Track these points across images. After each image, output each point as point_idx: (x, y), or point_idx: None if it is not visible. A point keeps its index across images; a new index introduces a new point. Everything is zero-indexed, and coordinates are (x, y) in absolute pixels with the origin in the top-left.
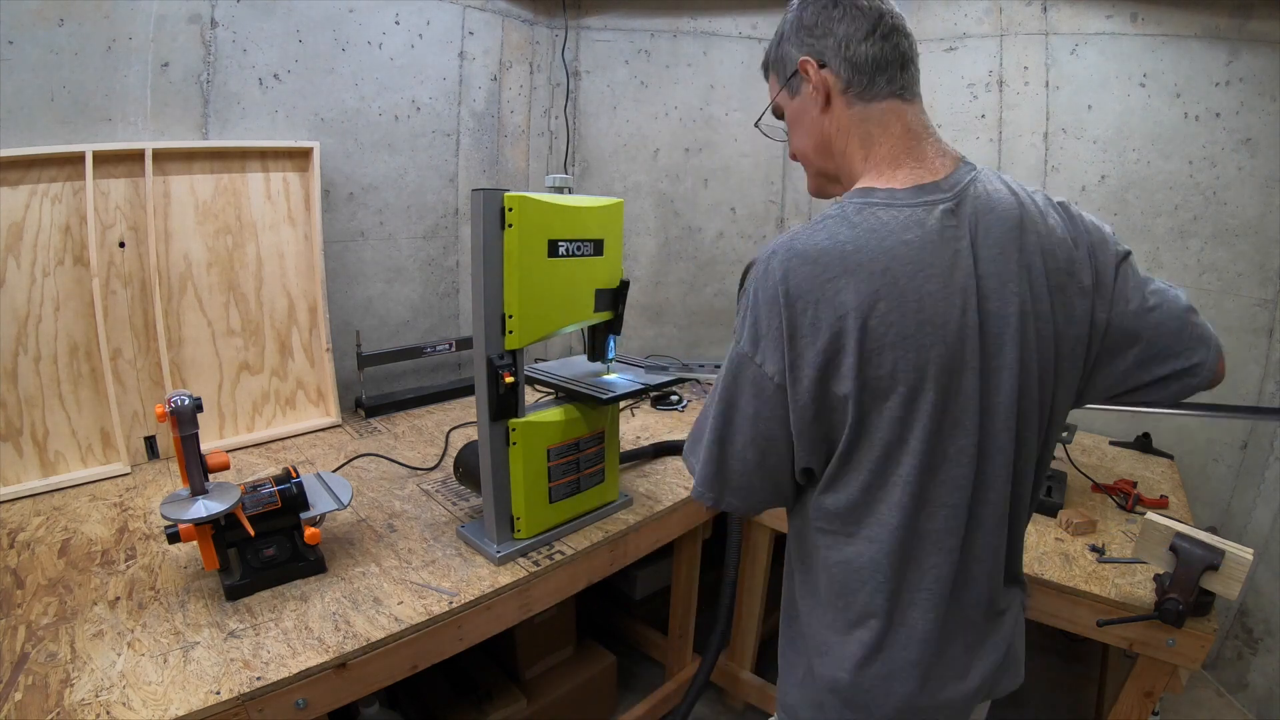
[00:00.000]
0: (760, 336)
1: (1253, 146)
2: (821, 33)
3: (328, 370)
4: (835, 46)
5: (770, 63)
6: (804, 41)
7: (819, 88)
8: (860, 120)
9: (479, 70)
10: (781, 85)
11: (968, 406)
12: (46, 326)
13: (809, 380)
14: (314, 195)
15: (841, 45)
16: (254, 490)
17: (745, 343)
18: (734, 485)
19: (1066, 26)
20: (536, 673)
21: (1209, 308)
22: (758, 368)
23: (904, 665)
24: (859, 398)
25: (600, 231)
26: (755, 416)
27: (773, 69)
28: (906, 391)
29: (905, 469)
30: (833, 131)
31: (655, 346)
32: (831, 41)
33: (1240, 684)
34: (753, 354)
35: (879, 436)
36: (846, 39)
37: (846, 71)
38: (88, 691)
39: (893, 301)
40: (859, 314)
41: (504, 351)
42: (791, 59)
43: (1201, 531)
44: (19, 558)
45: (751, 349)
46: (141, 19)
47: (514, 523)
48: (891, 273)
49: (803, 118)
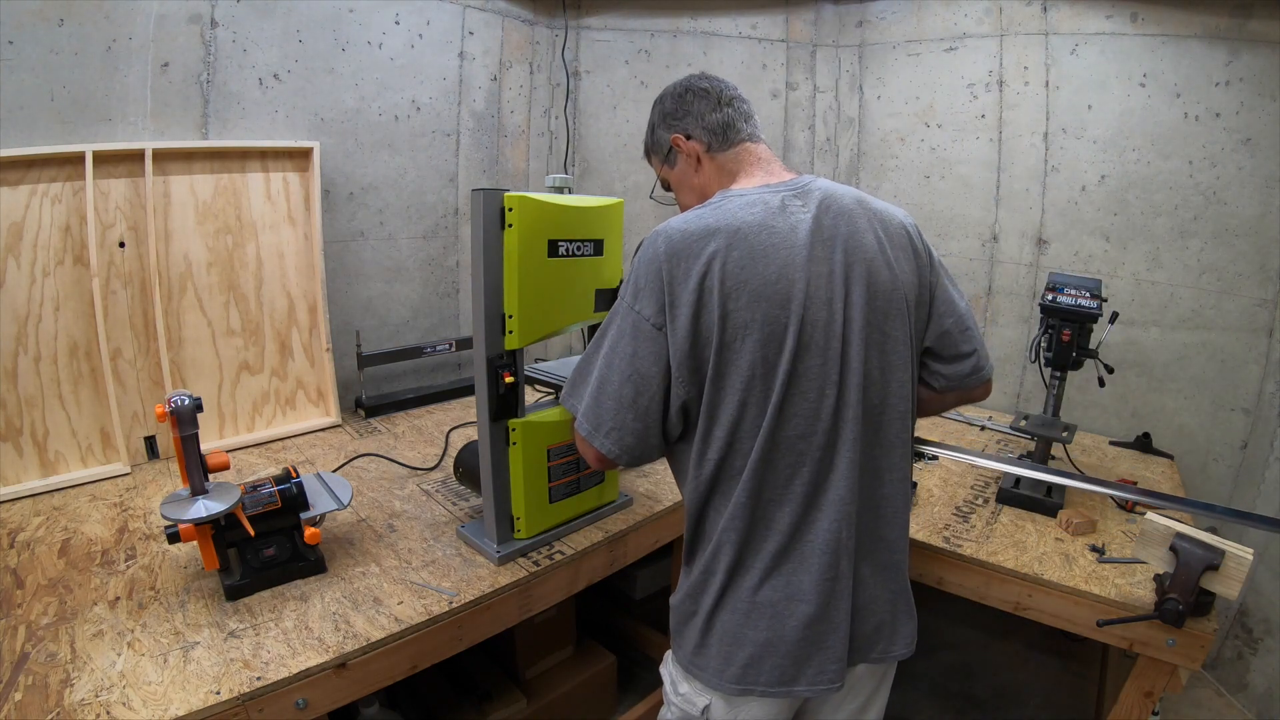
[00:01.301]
0: (639, 290)
1: (1253, 146)
2: (681, 114)
3: (328, 370)
4: (695, 121)
5: (649, 150)
6: (671, 125)
7: (690, 154)
8: (723, 165)
9: (479, 70)
10: (662, 162)
11: (815, 334)
12: (46, 326)
13: (685, 317)
14: (314, 195)
15: (699, 119)
16: (254, 490)
17: (628, 297)
18: (609, 424)
19: (1066, 26)
20: (536, 673)
21: (1209, 308)
22: (637, 314)
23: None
24: (722, 326)
25: (600, 231)
26: (633, 356)
27: (653, 153)
28: (762, 321)
29: (768, 386)
30: (707, 181)
31: None
32: (691, 119)
33: (1240, 684)
34: (634, 304)
35: (744, 359)
36: (700, 113)
37: (706, 136)
38: (88, 691)
39: (744, 250)
40: (720, 259)
41: (504, 351)
42: (665, 140)
43: (1201, 531)
44: (19, 558)
45: (633, 300)
46: (141, 19)
47: (514, 523)
48: (741, 232)
49: (685, 180)
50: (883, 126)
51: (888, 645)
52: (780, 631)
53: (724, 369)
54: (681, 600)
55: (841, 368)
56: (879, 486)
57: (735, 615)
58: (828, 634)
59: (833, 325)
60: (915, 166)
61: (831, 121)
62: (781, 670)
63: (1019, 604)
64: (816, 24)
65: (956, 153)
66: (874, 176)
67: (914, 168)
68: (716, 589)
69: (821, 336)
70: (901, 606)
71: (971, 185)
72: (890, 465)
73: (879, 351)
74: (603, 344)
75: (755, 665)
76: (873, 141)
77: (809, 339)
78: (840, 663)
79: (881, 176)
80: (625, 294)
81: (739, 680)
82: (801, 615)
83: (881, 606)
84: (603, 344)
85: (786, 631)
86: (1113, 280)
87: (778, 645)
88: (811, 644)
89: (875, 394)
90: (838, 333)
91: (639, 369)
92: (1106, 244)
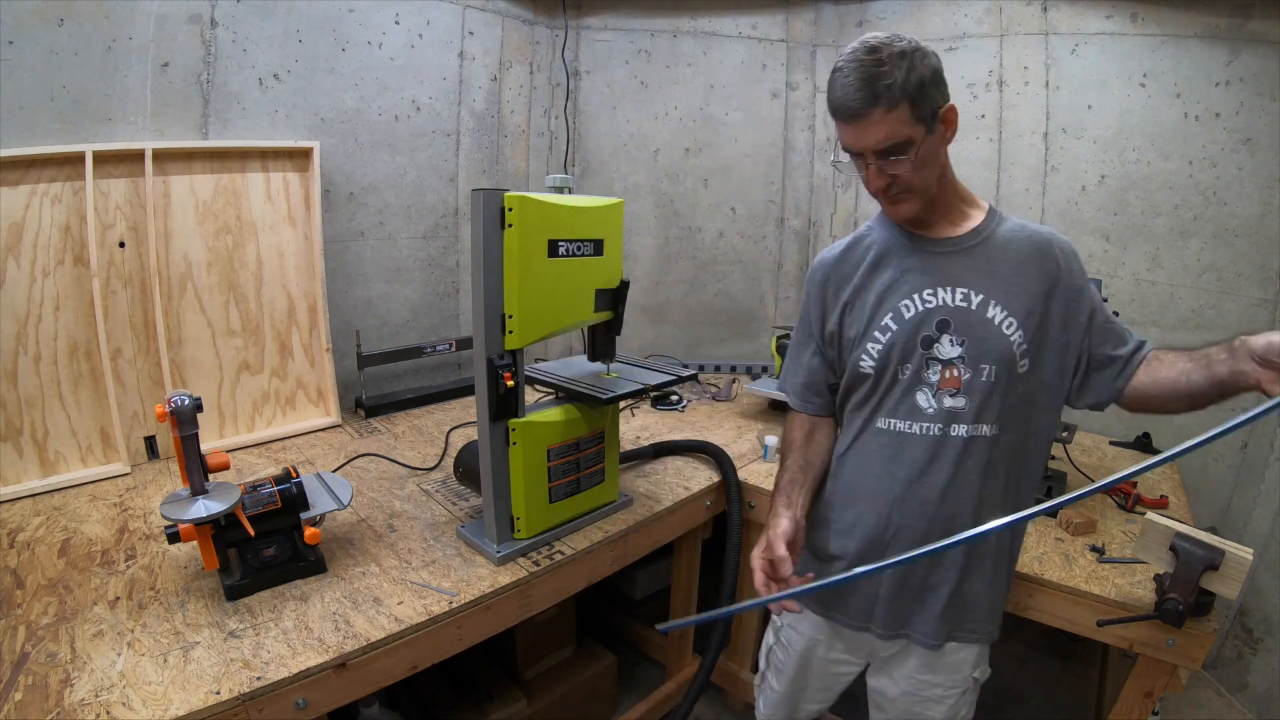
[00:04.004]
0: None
1: (1253, 146)
2: (945, 84)
3: (328, 370)
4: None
5: (907, 95)
6: (942, 90)
7: (951, 130)
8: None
9: (479, 70)
10: (918, 121)
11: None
12: (46, 326)
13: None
14: (314, 195)
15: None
16: (254, 490)
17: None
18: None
19: (1066, 26)
20: (536, 673)
21: (1209, 308)
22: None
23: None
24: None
25: (600, 231)
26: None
27: (915, 101)
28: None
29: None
30: (946, 165)
31: (655, 346)
32: (949, 91)
33: (1240, 684)
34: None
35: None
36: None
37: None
38: (88, 691)
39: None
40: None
41: (504, 351)
42: (937, 100)
43: (1201, 531)
44: (19, 558)
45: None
46: (141, 19)
47: (514, 523)
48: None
49: (934, 154)
50: None
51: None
52: None
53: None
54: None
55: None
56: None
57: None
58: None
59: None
60: None
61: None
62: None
63: (1019, 604)
64: (816, 24)
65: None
66: None
67: None
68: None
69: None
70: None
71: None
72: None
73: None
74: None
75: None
76: None
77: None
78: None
79: None
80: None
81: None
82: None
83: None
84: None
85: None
86: (1113, 280)
87: None
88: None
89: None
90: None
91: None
92: (1106, 244)
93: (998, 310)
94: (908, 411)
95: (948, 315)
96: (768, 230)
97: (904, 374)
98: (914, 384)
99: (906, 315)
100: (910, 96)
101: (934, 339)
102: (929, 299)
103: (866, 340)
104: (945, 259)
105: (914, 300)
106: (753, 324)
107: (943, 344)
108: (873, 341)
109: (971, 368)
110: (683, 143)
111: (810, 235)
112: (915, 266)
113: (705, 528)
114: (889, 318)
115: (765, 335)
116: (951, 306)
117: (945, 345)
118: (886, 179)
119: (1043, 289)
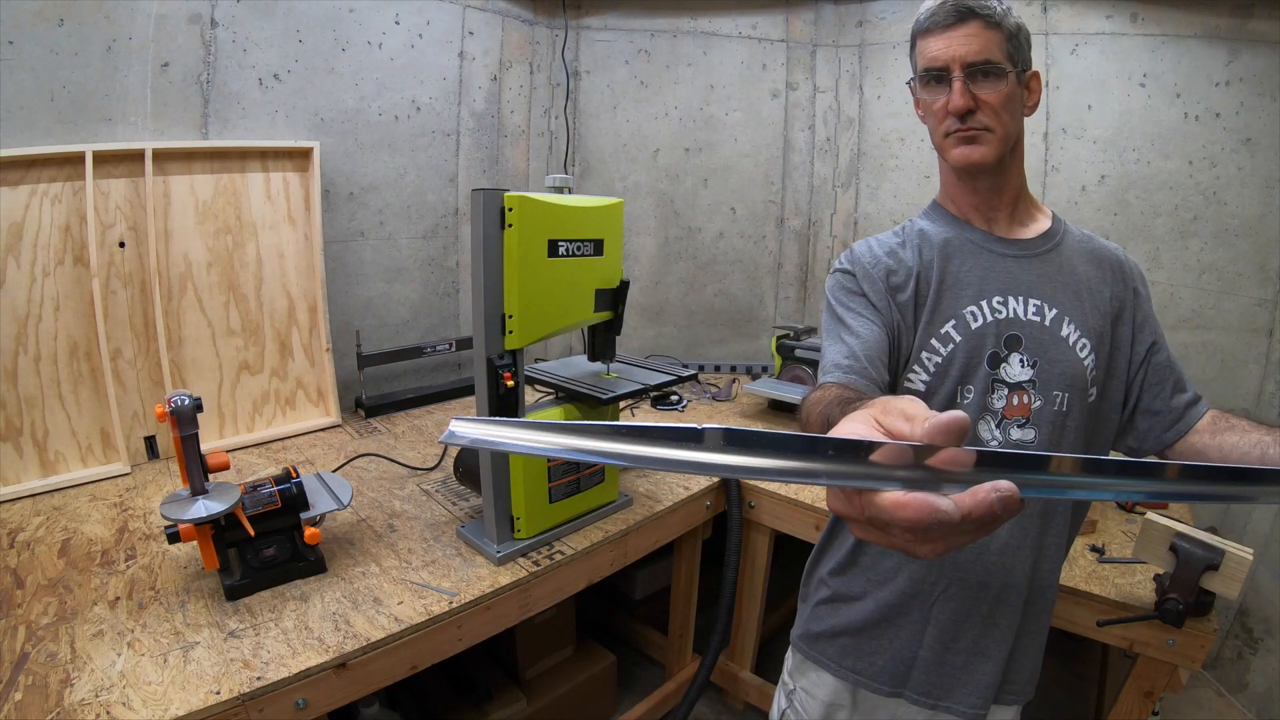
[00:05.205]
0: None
1: (1253, 146)
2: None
3: (328, 370)
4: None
5: (1002, 27)
6: (1031, 54)
7: (1035, 95)
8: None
9: (479, 70)
10: (1015, 68)
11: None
12: (46, 326)
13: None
14: (314, 195)
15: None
16: (254, 490)
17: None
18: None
19: (1066, 26)
20: (536, 673)
21: (1209, 308)
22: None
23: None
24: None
25: (600, 231)
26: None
27: (1003, 36)
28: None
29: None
30: (1022, 140)
31: (655, 346)
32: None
33: (1240, 684)
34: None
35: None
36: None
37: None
38: (88, 691)
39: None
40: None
41: (504, 351)
42: (1029, 60)
43: (1201, 531)
44: (19, 558)
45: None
46: (141, 19)
47: (514, 523)
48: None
49: (1018, 104)
50: (883, 126)
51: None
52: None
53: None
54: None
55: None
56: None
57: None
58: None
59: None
60: (915, 166)
61: (831, 121)
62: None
63: None
64: (816, 24)
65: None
66: (874, 176)
67: (914, 168)
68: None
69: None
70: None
71: None
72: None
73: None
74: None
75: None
76: (873, 141)
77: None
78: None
79: (881, 176)
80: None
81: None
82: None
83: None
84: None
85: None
86: None
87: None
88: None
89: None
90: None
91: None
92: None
93: (1072, 329)
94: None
95: (1019, 330)
96: (767, 230)
97: (965, 397)
98: (977, 412)
99: (973, 325)
100: (1009, 32)
101: (1002, 357)
102: (999, 308)
103: (922, 350)
104: (1015, 264)
105: (982, 308)
106: (752, 324)
107: (1011, 364)
108: (929, 351)
109: (1043, 394)
110: (683, 143)
111: (810, 235)
112: (983, 267)
113: (705, 528)
114: (950, 325)
115: (765, 335)
116: (1024, 320)
117: (1014, 366)
118: (971, 100)
119: (1113, 310)
